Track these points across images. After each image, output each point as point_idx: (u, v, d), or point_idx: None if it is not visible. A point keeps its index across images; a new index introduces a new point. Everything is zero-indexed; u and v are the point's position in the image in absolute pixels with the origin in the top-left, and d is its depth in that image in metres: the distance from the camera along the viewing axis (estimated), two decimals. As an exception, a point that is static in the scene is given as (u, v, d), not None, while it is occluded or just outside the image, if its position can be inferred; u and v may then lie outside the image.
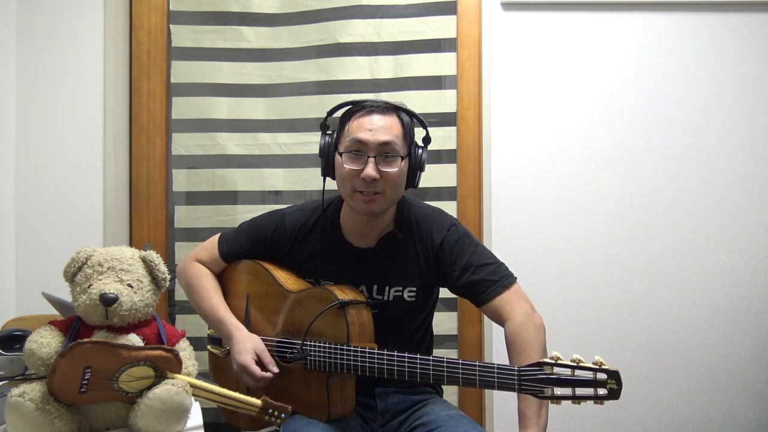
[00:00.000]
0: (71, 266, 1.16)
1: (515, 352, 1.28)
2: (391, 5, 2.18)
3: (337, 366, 1.29)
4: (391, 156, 1.32)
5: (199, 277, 1.50)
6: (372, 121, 1.32)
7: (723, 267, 2.10)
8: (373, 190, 1.31)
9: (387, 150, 1.31)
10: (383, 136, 1.31)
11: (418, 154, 1.37)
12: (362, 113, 1.34)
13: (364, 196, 1.32)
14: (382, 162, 1.31)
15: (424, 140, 1.39)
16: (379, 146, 1.31)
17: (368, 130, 1.31)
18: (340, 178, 1.36)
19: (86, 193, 2.09)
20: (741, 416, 2.10)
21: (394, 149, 1.32)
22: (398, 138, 1.33)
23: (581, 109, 2.11)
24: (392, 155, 1.32)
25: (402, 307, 1.41)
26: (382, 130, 1.31)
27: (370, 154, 1.30)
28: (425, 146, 1.39)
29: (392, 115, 1.34)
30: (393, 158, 1.32)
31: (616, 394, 1.07)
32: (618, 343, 2.09)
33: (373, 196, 1.32)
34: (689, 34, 2.11)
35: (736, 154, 2.10)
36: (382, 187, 1.32)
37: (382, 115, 1.33)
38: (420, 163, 1.37)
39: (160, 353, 1.08)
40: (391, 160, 1.32)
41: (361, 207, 1.34)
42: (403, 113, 1.37)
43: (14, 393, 1.01)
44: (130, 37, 2.21)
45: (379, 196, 1.33)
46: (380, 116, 1.33)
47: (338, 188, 1.39)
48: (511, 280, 1.37)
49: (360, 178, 1.31)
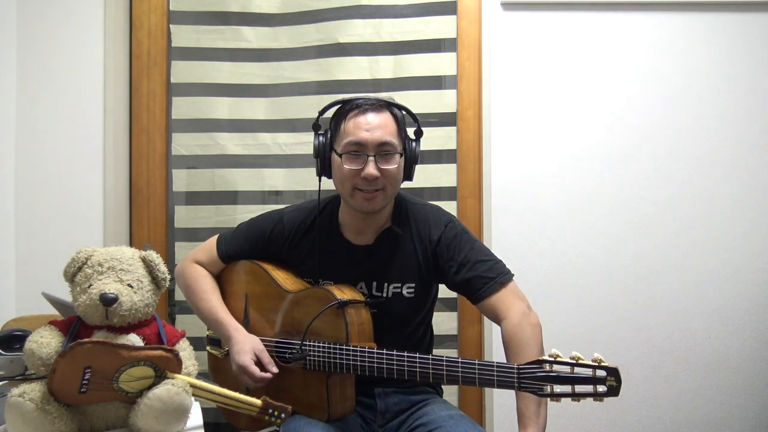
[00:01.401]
0: (71, 266, 1.16)
1: (512, 352, 1.29)
2: (391, 5, 2.18)
3: (337, 366, 1.30)
4: (389, 153, 1.33)
5: (197, 279, 1.50)
6: (368, 120, 1.33)
7: (723, 267, 2.09)
8: (373, 187, 1.33)
9: (386, 149, 1.33)
10: (381, 134, 1.32)
11: (412, 148, 1.39)
12: (356, 112, 1.34)
13: (365, 194, 1.33)
14: (380, 159, 1.32)
15: (416, 133, 1.41)
16: (378, 145, 1.32)
17: (365, 130, 1.32)
18: (340, 179, 1.37)
19: (86, 193, 2.09)
20: (741, 416, 2.10)
21: (393, 146, 1.33)
22: (394, 135, 1.35)
23: (581, 109, 2.11)
24: (391, 153, 1.33)
25: (401, 304, 1.42)
26: (378, 128, 1.32)
27: (370, 153, 1.32)
28: (417, 139, 1.41)
29: (385, 111, 1.36)
30: (391, 155, 1.33)
31: (616, 391, 1.07)
32: (618, 342, 2.09)
33: (374, 194, 1.33)
34: (690, 33, 2.10)
35: (735, 153, 2.10)
36: (382, 184, 1.33)
37: (377, 113, 1.34)
38: (414, 156, 1.39)
39: (160, 353, 1.08)
40: (390, 157, 1.33)
41: (363, 205, 1.35)
42: (394, 108, 1.38)
43: (14, 393, 1.01)
44: (130, 37, 2.21)
45: (379, 193, 1.34)
46: (375, 114, 1.34)
47: (337, 188, 1.40)
48: (507, 277, 1.38)
49: (361, 178, 1.32)
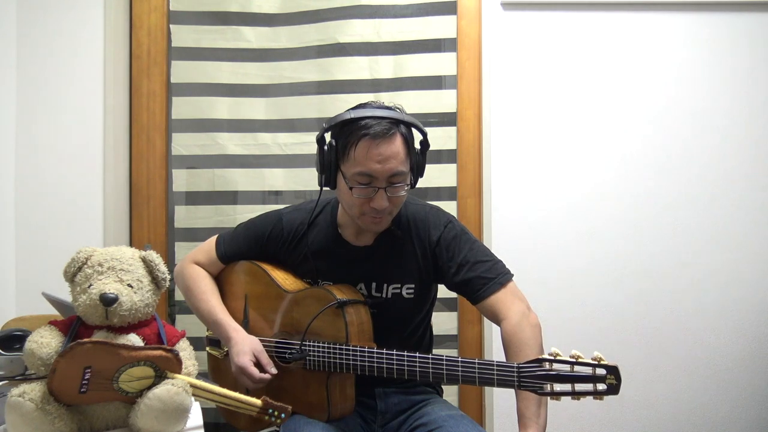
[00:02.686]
0: (71, 266, 1.16)
1: (512, 352, 1.29)
2: (391, 5, 2.18)
3: (337, 366, 1.29)
4: (399, 184, 1.30)
5: (196, 279, 1.50)
6: (380, 151, 1.26)
7: (723, 266, 2.10)
8: (382, 214, 1.32)
9: (396, 180, 1.30)
10: (392, 166, 1.28)
11: (418, 161, 1.35)
12: (368, 141, 1.26)
13: (374, 219, 1.33)
14: (391, 190, 1.30)
15: (422, 143, 1.36)
16: (389, 177, 1.29)
17: (377, 162, 1.26)
18: (347, 204, 1.34)
19: (86, 193, 2.09)
20: (741, 416, 2.10)
21: (403, 176, 1.30)
22: (404, 162, 1.30)
23: (581, 109, 2.11)
24: (401, 183, 1.30)
25: (401, 305, 1.41)
26: (390, 159, 1.27)
27: (380, 186, 1.29)
28: (423, 149, 1.36)
29: (396, 137, 1.28)
30: (401, 185, 1.31)
31: (616, 389, 1.07)
32: (618, 342, 2.09)
33: (381, 217, 1.33)
34: (690, 33, 2.11)
35: (736, 153, 2.10)
36: (390, 210, 1.33)
37: (388, 142, 1.27)
38: (420, 168, 1.36)
39: (160, 353, 1.08)
40: (400, 187, 1.31)
41: (370, 227, 1.36)
42: (402, 127, 1.31)
43: (14, 393, 1.01)
44: (130, 37, 2.21)
45: (386, 216, 1.34)
46: (387, 144, 1.27)
47: (343, 206, 1.38)
48: (507, 277, 1.37)
49: (370, 207, 1.30)
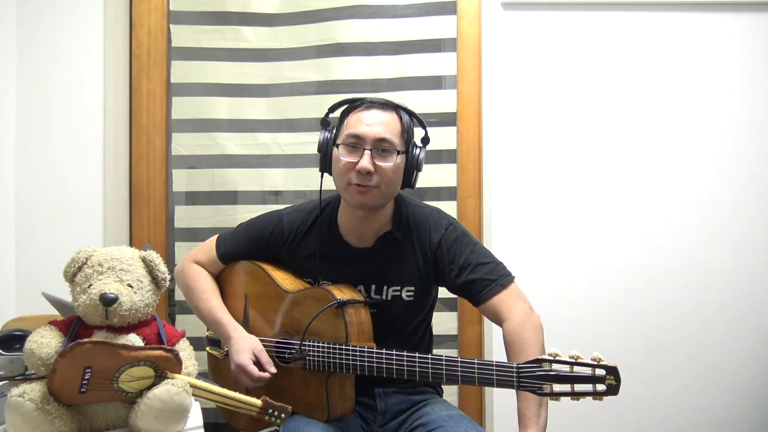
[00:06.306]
0: (71, 266, 1.16)
1: (513, 352, 1.29)
2: (391, 5, 2.18)
3: (336, 366, 1.30)
4: (387, 150, 1.32)
5: (196, 279, 1.50)
6: (370, 116, 1.34)
7: (723, 266, 2.09)
8: (367, 183, 1.31)
9: (383, 145, 1.32)
10: (380, 130, 1.32)
11: (416, 154, 1.37)
12: (361, 108, 1.36)
13: (359, 188, 1.32)
14: (377, 156, 1.32)
15: (423, 140, 1.40)
16: (376, 140, 1.32)
17: (366, 124, 1.33)
18: (337, 172, 1.37)
19: (86, 193, 2.09)
20: (741, 416, 2.10)
21: (391, 144, 1.33)
22: (395, 134, 1.34)
23: (581, 109, 2.10)
24: (388, 150, 1.32)
25: (400, 307, 1.41)
26: (379, 125, 1.33)
27: (366, 147, 1.31)
28: (423, 146, 1.40)
29: (391, 111, 1.36)
30: (389, 153, 1.33)
31: (615, 389, 1.08)
32: (618, 342, 2.08)
33: (367, 188, 1.32)
34: (690, 33, 2.10)
35: (736, 153, 2.10)
36: (377, 182, 1.32)
37: (381, 111, 1.35)
38: (417, 162, 1.37)
39: (160, 353, 1.08)
40: (387, 154, 1.32)
41: (356, 198, 1.34)
42: (402, 111, 1.38)
43: (14, 393, 1.02)
44: (130, 37, 2.21)
45: (374, 190, 1.33)
46: (379, 112, 1.35)
47: (335, 183, 1.40)
48: (509, 279, 1.37)
49: (355, 171, 1.31)
